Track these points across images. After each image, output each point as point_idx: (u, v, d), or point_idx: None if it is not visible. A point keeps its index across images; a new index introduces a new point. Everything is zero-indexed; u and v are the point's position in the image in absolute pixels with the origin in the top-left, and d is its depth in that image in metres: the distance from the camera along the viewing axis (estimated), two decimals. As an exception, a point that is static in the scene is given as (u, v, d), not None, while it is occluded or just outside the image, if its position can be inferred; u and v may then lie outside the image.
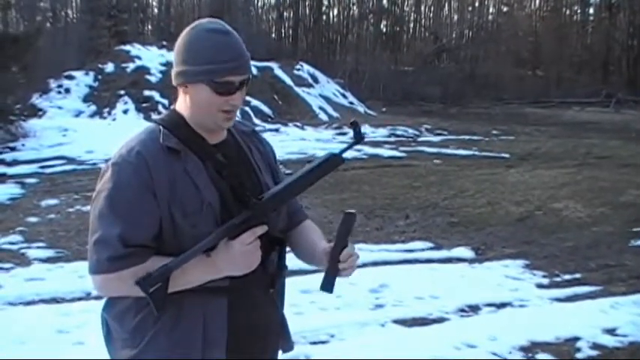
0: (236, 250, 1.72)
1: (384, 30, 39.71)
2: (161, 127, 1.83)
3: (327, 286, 1.86)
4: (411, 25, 42.90)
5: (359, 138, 1.79)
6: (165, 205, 1.73)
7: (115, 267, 1.70)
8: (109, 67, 18.62)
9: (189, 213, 1.75)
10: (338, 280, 1.89)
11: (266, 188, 1.91)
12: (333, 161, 1.80)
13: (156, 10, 37.56)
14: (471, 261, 6.74)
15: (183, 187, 1.76)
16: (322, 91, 22.77)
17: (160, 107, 16.68)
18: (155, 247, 1.75)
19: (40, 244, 6.79)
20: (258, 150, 2.02)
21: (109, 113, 16.73)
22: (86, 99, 17.35)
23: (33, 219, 7.84)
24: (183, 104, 1.87)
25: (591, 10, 45.41)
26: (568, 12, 45.18)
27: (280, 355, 2.07)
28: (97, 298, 5.07)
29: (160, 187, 1.73)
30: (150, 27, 36.69)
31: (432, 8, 43.34)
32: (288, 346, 2.07)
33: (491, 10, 43.89)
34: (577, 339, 4.77)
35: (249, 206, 1.73)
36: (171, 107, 1.93)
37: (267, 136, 2.17)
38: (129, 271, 1.69)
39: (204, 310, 1.78)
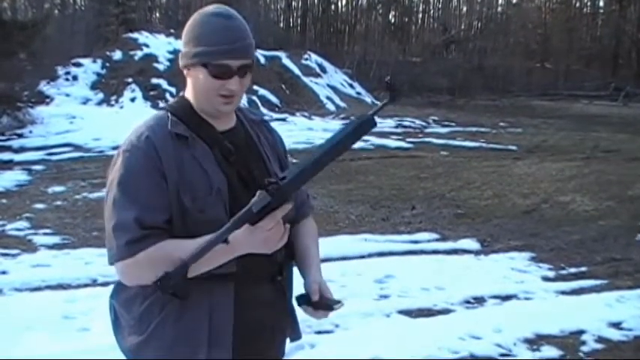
0: (257, 237, 1.68)
1: (393, 20, 39.60)
2: (169, 114, 1.83)
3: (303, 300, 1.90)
4: (420, 15, 42.77)
5: (394, 97, 1.65)
6: (174, 189, 1.73)
7: (133, 250, 1.69)
8: (117, 55, 18.63)
9: (198, 198, 1.74)
10: (344, 270, 1.90)
11: (274, 176, 1.87)
12: (366, 126, 1.67)
13: (164, -2, 37.49)
14: (476, 253, 6.74)
15: (192, 172, 1.76)
16: (330, 81, 22.75)
17: (168, 95, 16.69)
18: (169, 230, 1.74)
19: (47, 231, 6.81)
20: (267, 139, 2.01)
21: (117, 101, 16.76)
22: (94, 86, 17.37)
23: (40, 205, 7.87)
24: (188, 89, 1.89)
25: (601, 3, 45.17)
26: (578, 4, 44.92)
27: (288, 343, 2.07)
28: (103, 284, 5.11)
29: (169, 171, 1.73)
30: (158, 15, 36.63)
31: (441, -1, 43.15)
32: (296, 335, 2.06)
33: (500, 1, 43.67)
34: (582, 332, 4.76)
35: (269, 192, 1.64)
36: (181, 94, 1.93)
37: (274, 125, 2.14)
38: (145, 253, 1.68)
39: (210, 298, 1.76)
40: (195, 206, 1.74)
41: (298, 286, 2.03)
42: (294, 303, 1.95)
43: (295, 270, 2.03)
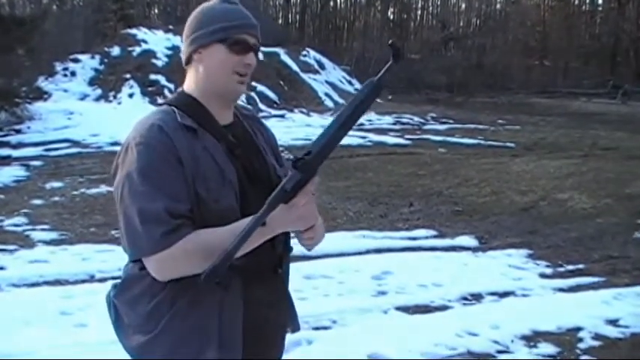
0: (292, 214, 1.70)
1: (392, 17, 39.57)
2: (174, 108, 1.83)
3: None
4: (419, 12, 42.76)
5: (398, 58, 1.66)
6: (190, 178, 1.72)
7: (169, 242, 1.67)
8: (115, 51, 18.59)
9: (211, 188, 1.74)
10: (342, 266, 1.90)
11: (272, 169, 1.92)
12: (376, 90, 1.70)
13: (162, -6, 37.40)
14: (474, 250, 6.74)
15: (205, 162, 1.75)
16: (328, 77, 22.74)
17: (166, 91, 16.64)
18: (194, 219, 1.72)
19: (45, 227, 6.81)
20: (261, 133, 2.04)
21: (115, 97, 16.72)
22: (92, 82, 17.34)
23: (37, 201, 7.86)
24: (193, 78, 1.88)
25: (600, 1, 45.16)
26: (577, 2, 44.90)
27: (287, 338, 2.07)
28: (101, 280, 5.11)
29: (185, 160, 1.72)
30: (156, 11, 36.61)
31: (440, -4, 43.11)
32: (296, 327, 2.07)
33: (499, -2, 43.63)
34: (579, 329, 4.77)
35: (298, 169, 1.66)
36: (179, 89, 1.93)
37: (272, 122, 2.15)
38: (180, 244, 1.67)
39: (219, 294, 1.73)
40: (211, 196, 1.73)
41: (293, 284, 2.04)
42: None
43: (291, 268, 2.03)
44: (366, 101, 1.69)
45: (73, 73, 17.46)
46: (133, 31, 19.90)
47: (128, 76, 17.40)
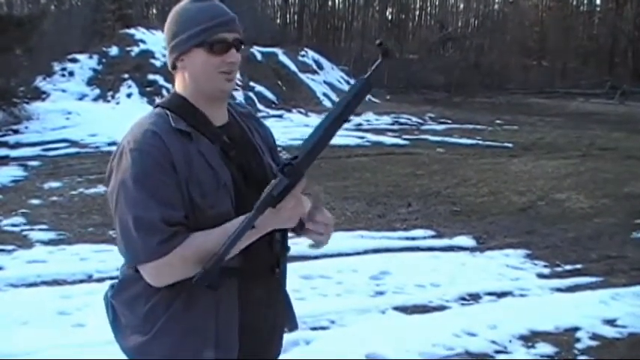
0: (281, 217, 1.71)
1: (390, 17, 39.61)
2: (167, 111, 1.82)
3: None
4: (417, 12, 42.78)
5: (387, 56, 1.67)
6: (184, 184, 1.72)
7: (165, 249, 1.67)
8: (114, 51, 18.57)
9: (207, 193, 1.74)
10: (340, 266, 1.90)
11: (269, 168, 1.91)
12: (366, 88, 1.70)
13: (160, -6, 37.34)
14: (472, 250, 6.75)
15: (199, 167, 1.75)
16: (326, 77, 22.74)
17: (164, 91, 16.63)
18: (189, 224, 1.73)
19: (43, 227, 6.80)
20: (258, 132, 2.03)
21: (113, 97, 16.71)
22: (90, 82, 17.32)
23: (35, 201, 7.86)
24: (182, 84, 1.88)
25: (598, 1, 45.24)
26: (574, 2, 44.96)
27: (285, 336, 2.07)
28: (99, 280, 5.11)
29: (179, 165, 1.72)
30: (154, 11, 36.53)
31: (438, -4, 43.13)
32: (293, 325, 2.07)
33: (497, -1, 43.64)
34: (577, 329, 4.78)
35: (285, 174, 1.67)
36: (172, 91, 1.92)
37: (270, 122, 2.15)
38: (176, 252, 1.68)
39: (214, 295, 1.74)
40: (205, 202, 1.73)
41: (291, 284, 2.04)
42: None
43: (289, 268, 2.04)
44: (354, 100, 1.69)
45: (71, 73, 17.44)
46: (131, 31, 19.87)
47: (126, 76, 17.39)
